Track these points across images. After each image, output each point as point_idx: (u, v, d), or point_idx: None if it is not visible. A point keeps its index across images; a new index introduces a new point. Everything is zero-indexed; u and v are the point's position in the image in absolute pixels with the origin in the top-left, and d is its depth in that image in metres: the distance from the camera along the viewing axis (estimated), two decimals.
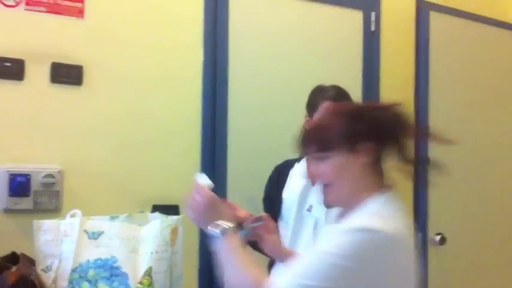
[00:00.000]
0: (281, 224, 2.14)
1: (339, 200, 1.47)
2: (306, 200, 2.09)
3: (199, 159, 2.59)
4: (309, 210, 2.07)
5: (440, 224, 3.02)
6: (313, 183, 1.98)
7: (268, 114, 2.75)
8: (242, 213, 1.67)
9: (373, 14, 3.06)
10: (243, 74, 2.69)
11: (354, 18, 3.04)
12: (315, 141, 1.45)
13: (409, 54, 3.12)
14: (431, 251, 2.98)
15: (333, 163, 1.42)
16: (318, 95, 2.16)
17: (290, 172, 2.22)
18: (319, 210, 2.02)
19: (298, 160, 2.23)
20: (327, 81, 2.89)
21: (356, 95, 2.97)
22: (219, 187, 2.55)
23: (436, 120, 3.01)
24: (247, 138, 2.68)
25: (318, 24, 2.93)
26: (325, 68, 2.93)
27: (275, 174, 2.30)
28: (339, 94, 2.11)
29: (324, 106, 2.08)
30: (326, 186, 1.45)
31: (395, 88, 3.12)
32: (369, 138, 1.42)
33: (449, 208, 3.08)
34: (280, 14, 2.84)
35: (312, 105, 2.15)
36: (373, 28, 3.06)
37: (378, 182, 1.45)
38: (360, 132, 1.42)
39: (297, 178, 2.17)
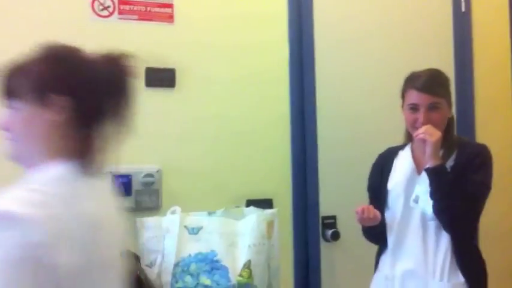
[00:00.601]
0: (387, 215, 2.10)
1: (21, 159, 1.20)
2: (413, 191, 2.02)
3: (290, 154, 2.60)
4: (416, 201, 2.01)
5: None
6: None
7: (358, 104, 2.72)
8: None
9: None
10: (330, 67, 2.67)
11: None
12: (5, 85, 1.18)
13: (504, 34, 2.97)
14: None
15: (20, 114, 1.16)
16: (405, 83, 2.08)
17: (394, 161, 2.15)
18: (426, 201, 1.96)
19: (402, 148, 2.16)
20: (417, 67, 2.84)
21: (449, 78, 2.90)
22: (311, 181, 2.57)
23: None
24: (337, 130, 2.67)
25: (407, 8, 2.85)
26: (415, 53, 2.84)
27: (379, 163, 2.22)
28: (427, 83, 1.99)
29: (410, 96, 2.03)
30: (11, 140, 1.19)
31: (491, 71, 2.99)
32: (64, 90, 1.16)
33: None
34: (365, 2, 2.79)
35: (402, 94, 2.10)
36: (463, 8, 2.94)
37: (70, 149, 1.18)
38: (53, 80, 1.16)
39: (401, 167, 2.11)
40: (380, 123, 2.66)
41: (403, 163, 2.11)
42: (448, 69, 2.87)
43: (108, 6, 2.37)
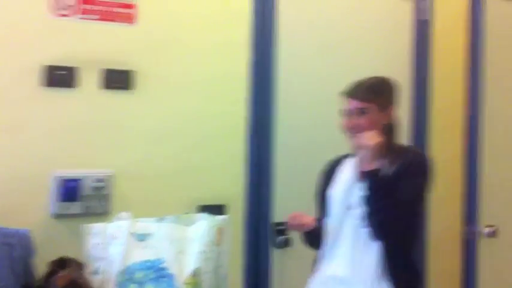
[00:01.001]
0: (327, 221, 2.11)
1: None
2: (349, 198, 2.04)
3: (245, 159, 2.59)
4: (352, 207, 2.03)
5: (491, 216, 2.90)
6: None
7: (317, 110, 2.70)
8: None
9: (425, 3, 2.95)
10: (291, 70, 2.66)
11: (405, 7, 2.94)
12: None
13: (463, 43, 3.00)
14: (482, 244, 2.87)
15: None
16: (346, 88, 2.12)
17: (340, 168, 2.18)
18: (360, 209, 1.98)
19: (350, 155, 2.17)
20: (377, 73, 2.86)
21: (406, 86, 2.92)
22: (265, 187, 2.57)
23: (491, 111, 2.90)
24: (295, 136, 2.66)
25: (368, 15, 2.86)
26: (376, 60, 2.86)
27: (325, 170, 2.26)
28: (355, 89, 2.06)
29: (343, 102, 2.08)
30: None
31: (448, 78, 3.02)
32: None
33: (502, 199, 2.96)
34: (329, 7, 2.79)
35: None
36: (424, 17, 2.95)
37: None
38: None
39: (343, 174, 2.13)
40: (338, 130, 2.66)
41: (345, 170, 2.13)
42: (406, 75, 2.92)
43: (70, 5, 2.32)
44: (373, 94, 2.04)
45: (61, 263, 2.00)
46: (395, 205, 1.91)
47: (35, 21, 2.26)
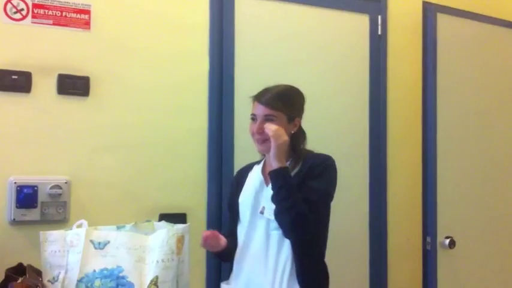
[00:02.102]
0: (238, 229, 2.14)
1: None
2: (259, 202, 2.07)
3: (206, 168, 2.59)
4: (262, 212, 2.05)
5: (449, 227, 2.99)
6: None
7: None
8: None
9: (379, 18, 3.05)
10: (249, 82, 2.67)
11: (361, 22, 3.03)
12: None
13: (417, 57, 3.09)
14: (441, 254, 2.95)
15: None
16: (257, 93, 2.12)
17: (249, 174, 2.19)
18: (271, 209, 2.00)
19: (258, 162, 2.21)
20: (334, 86, 2.91)
21: (363, 98, 3.00)
22: (226, 195, 2.56)
23: (444, 123, 2.99)
24: (254, 147, 2.67)
25: (324, 29, 2.93)
26: (332, 74, 2.94)
27: (235, 178, 2.28)
28: (266, 96, 2.05)
29: (252, 107, 2.09)
30: None
31: (403, 91, 3.10)
32: None
33: (458, 211, 3.05)
34: (286, 20, 2.84)
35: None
36: (379, 32, 3.05)
37: None
38: None
39: (251, 180, 2.15)
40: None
41: (253, 176, 2.16)
42: (364, 88, 2.99)
43: (22, 9, 2.30)
44: (283, 103, 2.05)
45: (18, 270, 1.95)
46: (304, 203, 1.93)
47: None
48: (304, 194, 1.95)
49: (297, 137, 2.11)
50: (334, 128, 2.91)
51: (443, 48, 3.02)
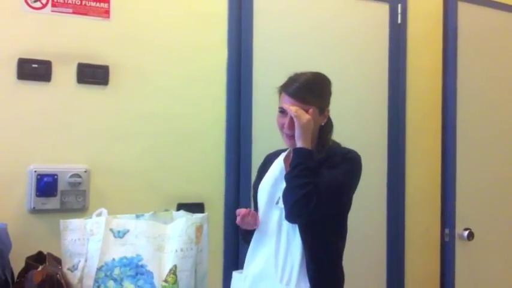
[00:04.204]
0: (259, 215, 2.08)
1: None
2: (277, 192, 2.00)
3: (224, 158, 2.59)
4: (277, 202, 1.99)
5: (468, 219, 2.97)
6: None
7: None
8: None
9: (399, 6, 3.01)
10: (267, 73, 2.67)
11: (380, 11, 3.00)
12: None
13: (437, 46, 3.06)
14: (459, 246, 2.93)
15: None
16: (282, 84, 2.02)
17: (274, 162, 2.11)
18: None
19: (285, 150, 2.13)
20: (353, 76, 2.89)
21: (383, 88, 2.97)
22: (245, 186, 2.57)
23: (465, 114, 2.96)
24: (271, 137, 2.66)
25: (343, 19, 2.90)
26: (352, 64, 2.91)
27: (261, 164, 2.20)
28: (298, 90, 1.94)
29: (281, 99, 1.99)
30: None
31: (423, 81, 3.08)
32: None
33: (477, 203, 3.03)
34: (304, 11, 2.81)
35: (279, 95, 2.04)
36: (399, 20, 3.01)
37: None
38: None
39: (273, 168, 2.08)
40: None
41: (275, 164, 2.08)
42: (383, 78, 2.96)
43: None
44: (315, 95, 1.96)
45: (38, 258, 1.97)
46: (314, 187, 1.84)
47: (4, 13, 2.24)
48: (320, 180, 1.86)
49: (326, 128, 2.04)
50: (353, 118, 2.89)
51: (464, 38, 2.99)
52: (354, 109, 2.90)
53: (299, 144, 1.90)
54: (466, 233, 2.93)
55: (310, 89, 1.95)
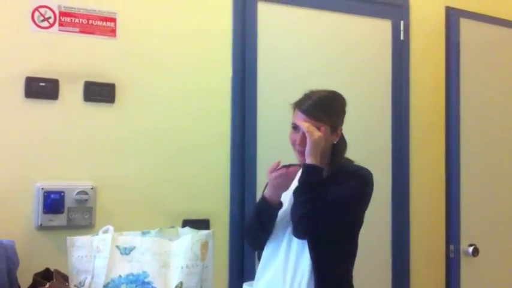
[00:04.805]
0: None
1: None
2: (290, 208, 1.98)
3: (229, 174, 2.61)
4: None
5: (473, 235, 2.97)
6: None
7: None
8: None
9: (402, 23, 3.05)
10: (271, 88, 2.70)
11: (383, 28, 3.02)
12: None
13: (439, 62, 3.08)
14: (464, 262, 2.93)
15: None
16: (297, 101, 2.02)
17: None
18: None
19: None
20: (357, 90, 2.91)
21: (386, 104, 2.99)
22: (250, 200, 2.58)
23: (468, 129, 2.97)
24: (276, 153, 2.67)
25: (347, 35, 2.93)
26: (355, 79, 2.93)
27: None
28: (311, 107, 1.95)
29: (295, 115, 1.99)
30: None
31: (426, 97, 3.09)
32: None
33: (482, 218, 3.03)
34: (308, 26, 2.84)
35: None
36: (402, 37, 3.04)
37: None
38: None
39: (293, 186, 2.01)
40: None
41: (294, 182, 2.02)
42: (386, 94, 2.98)
43: (49, 18, 2.33)
44: (327, 114, 1.96)
45: (46, 275, 1.98)
46: (321, 204, 1.86)
47: (13, 32, 2.27)
48: (329, 196, 1.87)
49: (339, 147, 2.05)
50: (356, 133, 2.87)
51: (466, 53, 3.01)
52: (358, 124, 2.90)
53: (308, 160, 1.91)
54: (471, 249, 2.92)
55: (323, 107, 1.97)
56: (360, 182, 1.98)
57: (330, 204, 1.88)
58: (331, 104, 2.01)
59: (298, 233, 1.92)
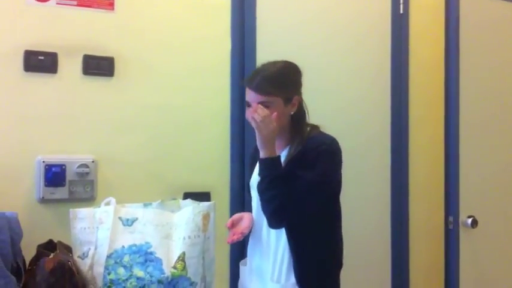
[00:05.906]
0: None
1: None
2: None
3: (229, 147, 2.61)
4: None
5: (472, 206, 2.99)
6: None
7: None
8: None
9: None
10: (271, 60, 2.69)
11: (382, 1, 3.00)
12: None
13: (439, 36, 3.08)
14: (463, 234, 2.95)
15: None
16: (247, 77, 2.00)
17: None
18: None
19: None
20: (355, 65, 2.90)
21: (385, 78, 2.99)
22: (249, 174, 2.57)
23: (467, 103, 2.98)
24: None
25: (345, 8, 2.91)
26: (354, 54, 2.92)
27: (252, 156, 2.19)
28: (258, 83, 1.90)
29: (246, 93, 1.96)
30: None
31: (425, 71, 3.09)
32: None
33: (481, 190, 3.05)
34: (307, 1, 2.83)
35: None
36: (401, 10, 3.02)
37: None
38: None
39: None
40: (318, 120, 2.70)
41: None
42: (385, 68, 2.98)
43: None
44: (275, 86, 1.91)
45: (49, 246, 2.00)
46: (288, 195, 1.84)
47: (9, 6, 2.25)
48: (296, 183, 1.85)
49: (298, 117, 2.00)
50: (355, 109, 2.91)
51: (466, 28, 3.00)
52: (356, 100, 2.92)
53: (262, 154, 1.88)
54: (469, 220, 2.95)
55: (272, 81, 1.91)
56: (326, 158, 1.90)
57: (301, 192, 1.86)
58: (281, 76, 1.95)
59: (273, 226, 1.93)
